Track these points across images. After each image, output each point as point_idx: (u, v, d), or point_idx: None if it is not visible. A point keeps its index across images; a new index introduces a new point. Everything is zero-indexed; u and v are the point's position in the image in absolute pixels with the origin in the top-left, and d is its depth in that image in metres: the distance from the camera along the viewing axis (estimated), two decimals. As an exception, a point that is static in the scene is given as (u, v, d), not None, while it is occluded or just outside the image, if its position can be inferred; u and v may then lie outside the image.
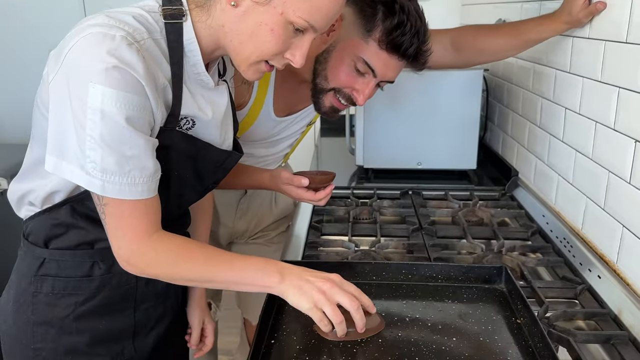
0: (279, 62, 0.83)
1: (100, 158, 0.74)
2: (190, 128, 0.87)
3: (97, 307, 0.91)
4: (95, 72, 0.71)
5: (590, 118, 1.12)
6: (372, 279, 1.05)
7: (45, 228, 0.89)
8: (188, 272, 0.84)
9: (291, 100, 1.23)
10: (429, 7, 2.35)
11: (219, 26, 0.80)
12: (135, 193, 0.77)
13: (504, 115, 1.72)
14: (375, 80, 1.08)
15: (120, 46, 0.72)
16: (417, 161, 1.71)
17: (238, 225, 1.46)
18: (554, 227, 1.27)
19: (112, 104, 0.72)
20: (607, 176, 1.05)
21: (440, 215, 1.45)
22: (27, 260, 0.91)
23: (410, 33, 1.01)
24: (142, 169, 0.77)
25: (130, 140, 0.74)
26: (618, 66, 1.01)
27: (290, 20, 0.76)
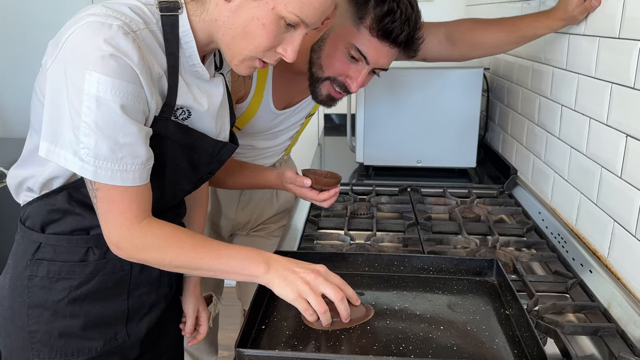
0: (271, 58, 0.84)
1: (94, 144, 0.76)
2: (186, 118, 0.89)
3: (91, 292, 0.93)
4: (91, 60, 0.73)
5: (585, 114, 1.13)
6: (364, 270, 1.07)
7: (42, 213, 0.91)
8: (176, 258, 0.85)
9: (289, 93, 1.25)
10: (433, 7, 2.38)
11: (213, 20, 0.82)
12: (127, 180, 0.79)
13: (505, 114, 1.73)
14: (368, 67, 1.10)
15: (117, 35, 0.74)
16: (416, 159, 1.73)
17: (240, 217, 1.48)
18: (549, 224, 1.28)
19: (108, 91, 0.74)
20: (600, 171, 1.06)
21: (437, 211, 1.46)
22: (24, 245, 0.93)
23: (400, 20, 1.03)
24: (135, 157, 0.79)
25: (124, 128, 0.76)
26: (611, 62, 1.02)
27: (281, 15, 0.78)
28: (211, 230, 1.48)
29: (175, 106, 0.85)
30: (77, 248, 0.91)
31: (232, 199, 1.45)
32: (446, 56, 1.35)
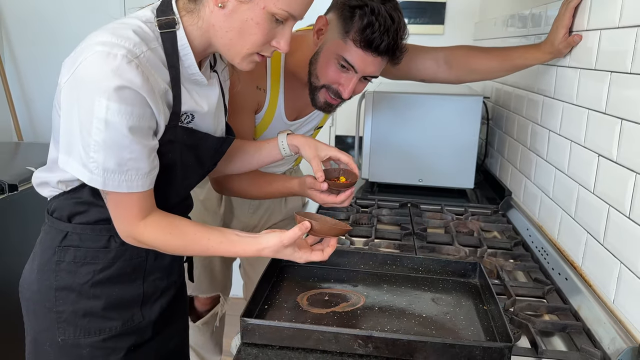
0: (267, 51, 0.96)
1: (102, 159, 0.86)
2: (191, 121, 1.00)
3: (112, 276, 1.03)
4: (100, 89, 0.83)
5: (567, 137, 1.24)
6: (359, 267, 1.18)
7: (69, 206, 1.01)
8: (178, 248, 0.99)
9: (299, 105, 1.38)
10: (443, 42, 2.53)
11: (210, 26, 0.92)
12: (132, 187, 0.90)
13: (502, 140, 1.84)
14: (357, 75, 1.22)
15: (122, 65, 0.83)
16: (418, 178, 1.84)
17: (250, 220, 1.60)
18: (535, 239, 1.38)
19: (115, 115, 0.84)
20: (577, 189, 1.17)
21: (434, 224, 1.57)
22: (52, 234, 1.03)
23: (379, 31, 1.15)
24: (138, 169, 0.90)
25: (130, 146, 0.87)
26: (589, 90, 1.14)
27: (272, 12, 0.89)
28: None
29: (180, 112, 0.97)
30: (100, 236, 1.02)
31: (244, 203, 1.57)
32: (443, 78, 1.48)
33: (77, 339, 1.03)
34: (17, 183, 1.90)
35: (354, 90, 1.25)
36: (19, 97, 2.89)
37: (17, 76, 2.89)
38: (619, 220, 0.98)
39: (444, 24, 2.51)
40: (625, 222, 0.95)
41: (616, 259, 0.98)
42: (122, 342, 1.06)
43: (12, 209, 1.92)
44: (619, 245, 0.98)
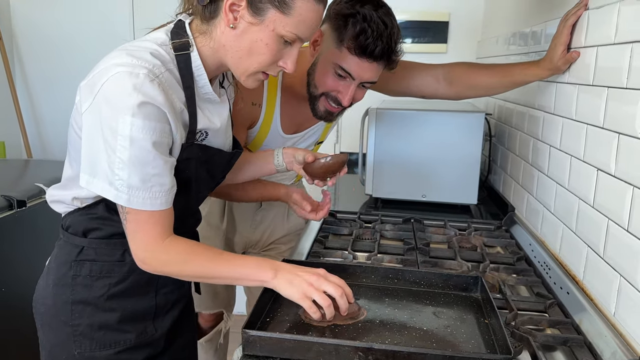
0: (274, 70, 0.99)
1: (127, 176, 0.89)
2: (205, 139, 1.03)
3: (126, 289, 1.05)
4: (125, 107, 0.86)
5: (567, 152, 1.26)
6: (362, 281, 1.19)
7: (84, 222, 1.04)
8: (195, 270, 1.00)
9: (297, 119, 1.41)
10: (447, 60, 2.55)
11: (221, 46, 0.96)
12: (155, 205, 0.93)
13: (505, 156, 1.86)
14: (355, 82, 1.25)
15: (145, 83, 0.87)
16: (421, 193, 1.86)
17: (252, 235, 1.62)
18: (537, 254, 1.39)
19: (140, 131, 0.87)
20: (578, 203, 1.18)
21: (437, 240, 1.58)
22: (67, 249, 1.05)
23: (372, 37, 1.18)
24: (162, 185, 0.92)
25: (154, 161, 0.90)
26: (587, 106, 1.15)
27: (280, 34, 0.93)
28: (226, 245, 1.62)
29: (196, 131, 1.00)
30: (115, 250, 1.04)
31: (247, 218, 1.59)
32: (443, 94, 1.50)
33: (92, 352, 1.04)
34: (25, 199, 1.93)
35: (353, 97, 1.28)
36: (29, 116, 2.95)
37: (27, 95, 2.94)
38: (618, 233, 0.98)
39: (447, 42, 2.54)
40: (624, 235, 0.96)
41: (616, 272, 0.98)
42: (136, 355, 1.08)
43: (21, 225, 1.94)
44: (618, 258, 0.98)
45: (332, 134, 2.71)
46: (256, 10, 0.91)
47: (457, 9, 2.51)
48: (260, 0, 0.91)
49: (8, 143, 2.86)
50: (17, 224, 1.93)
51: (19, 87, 2.91)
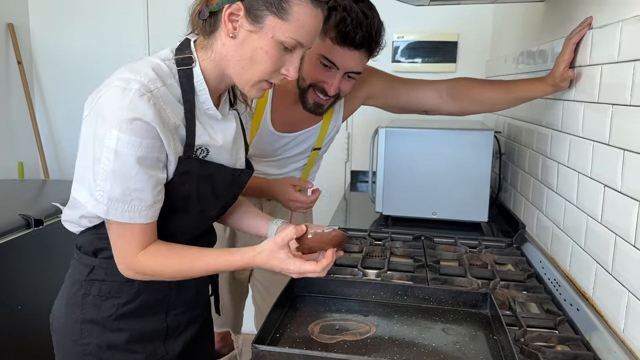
0: (276, 78, 1.00)
1: (109, 188, 0.91)
2: (206, 155, 1.03)
3: (135, 309, 1.06)
4: (114, 121, 0.88)
5: (574, 169, 1.26)
6: (371, 298, 1.20)
7: (93, 241, 1.05)
8: (174, 274, 1.01)
9: (289, 117, 1.44)
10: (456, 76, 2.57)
11: (222, 57, 0.97)
12: (134, 218, 0.94)
13: (515, 174, 1.86)
14: (339, 72, 1.31)
15: (134, 98, 0.88)
16: (432, 211, 1.87)
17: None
18: (548, 271, 1.38)
19: (125, 146, 0.88)
20: (586, 220, 1.18)
21: (447, 257, 1.58)
22: (79, 268, 1.07)
23: (352, 24, 1.25)
24: (142, 200, 0.93)
25: (136, 176, 0.91)
26: (593, 122, 1.16)
27: (280, 40, 0.93)
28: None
29: (195, 146, 1.00)
30: None
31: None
32: (446, 110, 1.53)
33: None
34: (42, 218, 1.97)
35: (338, 87, 1.33)
36: (47, 137, 3.02)
37: (45, 117, 3.02)
38: (625, 249, 0.99)
39: (456, 62, 2.57)
40: (631, 251, 0.96)
41: (624, 288, 0.98)
42: None
43: (38, 243, 1.98)
44: (626, 274, 0.98)
45: (342, 152, 2.73)
46: (254, 17, 0.92)
47: (465, 29, 2.55)
48: (258, 8, 0.92)
49: (26, 164, 2.93)
50: (34, 243, 1.97)
51: (38, 110, 3.00)
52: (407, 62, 2.61)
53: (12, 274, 1.88)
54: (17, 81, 2.88)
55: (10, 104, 2.87)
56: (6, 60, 2.84)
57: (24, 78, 2.88)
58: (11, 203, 2.14)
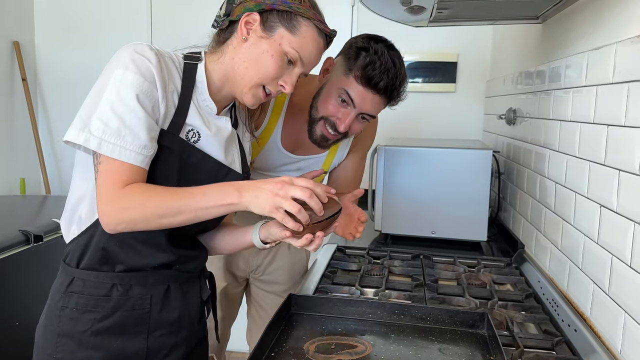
0: (273, 87, 1.05)
1: (106, 121, 0.92)
2: (197, 141, 1.05)
3: (113, 326, 1.02)
4: (121, 61, 0.95)
5: (571, 189, 1.27)
6: (368, 317, 1.19)
7: (79, 248, 1.03)
8: (157, 207, 0.93)
9: (298, 138, 1.44)
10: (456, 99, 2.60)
11: (230, 59, 1.05)
12: (124, 155, 0.92)
13: (514, 193, 1.87)
14: (355, 111, 1.31)
15: (144, 47, 0.98)
16: (431, 230, 1.87)
17: (254, 259, 1.64)
18: (546, 291, 1.38)
19: (128, 82, 0.93)
20: (583, 240, 1.18)
21: (445, 276, 1.58)
22: (61, 279, 1.05)
23: (379, 69, 1.26)
24: (135, 138, 0.93)
25: (133, 112, 0.93)
26: (589, 143, 1.17)
27: (285, 50, 1.02)
28: (226, 268, 1.63)
29: (184, 125, 1.02)
30: (103, 284, 1.02)
31: None
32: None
33: None
34: (42, 234, 1.98)
35: (350, 126, 1.33)
36: (49, 153, 3.04)
37: (48, 134, 3.05)
38: (621, 269, 0.99)
39: (456, 82, 2.59)
40: (627, 272, 0.96)
41: (621, 308, 0.98)
42: None
43: (37, 259, 1.99)
44: (622, 295, 0.98)
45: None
46: (268, 27, 1.03)
47: (465, 50, 2.57)
48: (273, 20, 1.03)
49: (28, 180, 2.94)
50: (33, 259, 1.97)
51: (41, 126, 3.02)
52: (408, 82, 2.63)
53: (11, 290, 1.87)
54: (21, 98, 2.91)
55: (14, 121, 2.90)
56: (11, 77, 2.87)
57: (27, 95, 2.91)
58: (11, 219, 2.14)
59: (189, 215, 0.95)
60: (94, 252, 1.03)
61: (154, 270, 1.07)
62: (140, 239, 1.02)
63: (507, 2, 1.42)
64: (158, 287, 1.07)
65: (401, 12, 1.43)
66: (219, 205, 0.94)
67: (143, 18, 2.86)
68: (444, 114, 2.62)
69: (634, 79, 0.96)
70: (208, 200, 0.94)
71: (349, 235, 1.42)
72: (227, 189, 0.95)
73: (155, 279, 1.07)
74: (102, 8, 2.90)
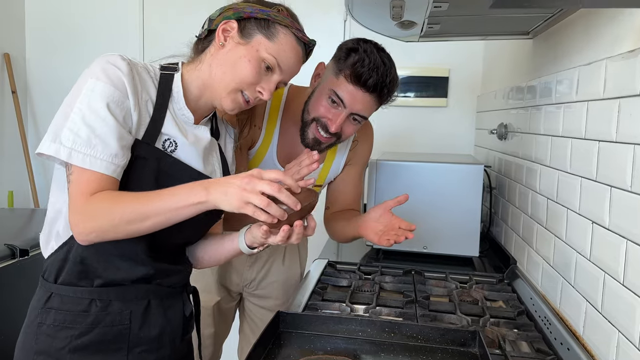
0: (252, 94, 1.05)
1: (76, 131, 0.91)
2: (174, 150, 1.03)
3: (91, 343, 1.00)
4: (93, 71, 0.95)
5: (563, 205, 1.26)
6: (357, 335, 1.17)
7: (56, 263, 1.01)
8: (123, 212, 0.91)
9: (294, 152, 1.42)
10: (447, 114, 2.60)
11: (207, 66, 1.06)
12: (95, 165, 0.91)
13: (506, 208, 1.86)
14: (346, 111, 1.30)
15: (115, 57, 0.97)
16: (423, 245, 1.85)
17: (248, 273, 1.62)
18: (538, 308, 1.36)
19: (99, 91, 0.93)
20: (575, 256, 1.17)
21: (437, 292, 1.56)
22: (39, 295, 1.03)
23: (368, 66, 1.25)
24: (106, 146, 0.92)
25: (104, 121, 0.92)
26: (580, 159, 1.16)
27: (262, 56, 1.03)
28: (219, 283, 1.60)
29: (160, 134, 1.01)
30: (81, 299, 1.00)
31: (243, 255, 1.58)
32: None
33: None
34: (28, 248, 1.95)
35: (341, 126, 1.32)
36: (38, 166, 3.00)
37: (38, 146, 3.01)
38: (614, 287, 0.97)
39: (447, 97, 2.59)
40: (620, 289, 0.95)
41: (614, 327, 0.96)
42: None
43: (23, 274, 1.95)
44: (615, 313, 0.97)
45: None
46: (245, 34, 1.04)
47: (456, 65, 2.58)
48: (250, 27, 1.04)
49: (16, 192, 2.91)
50: (19, 273, 1.93)
51: (30, 139, 2.99)
52: (400, 97, 2.63)
53: (-6, 306, 1.84)
54: (10, 110, 2.89)
55: (3, 133, 2.87)
56: (0, 90, 2.85)
57: (17, 107, 2.88)
58: (-3, 232, 2.11)
59: (158, 218, 0.92)
60: (72, 266, 1.01)
61: (133, 284, 1.04)
62: (118, 251, 1.00)
63: (498, 18, 1.42)
64: (138, 303, 1.05)
65: (392, 27, 1.43)
66: (187, 205, 0.91)
67: (135, 32, 2.86)
68: (436, 129, 2.63)
69: (625, 94, 0.96)
70: (177, 200, 0.91)
71: (385, 241, 1.39)
72: (195, 187, 0.92)
73: (135, 294, 1.04)
74: (94, 21, 2.90)
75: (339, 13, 2.64)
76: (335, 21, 2.65)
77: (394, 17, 1.31)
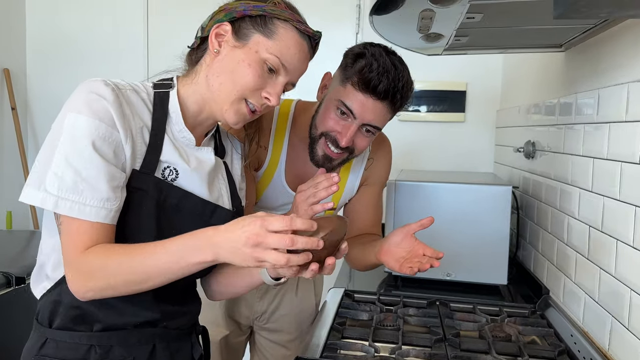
0: (257, 101, 0.93)
1: (61, 174, 0.81)
2: (175, 179, 0.92)
3: None
4: (74, 104, 0.83)
5: (611, 235, 1.13)
6: (386, 383, 1.04)
7: (49, 305, 0.92)
8: (122, 272, 0.82)
9: (303, 173, 1.30)
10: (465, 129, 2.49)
11: (204, 78, 0.94)
12: (84, 213, 0.81)
13: (535, 232, 1.73)
14: (356, 122, 1.17)
15: (98, 84, 0.85)
16: (446, 272, 1.72)
17: (258, 305, 1.50)
18: (582, 348, 1.23)
19: (82, 127, 0.82)
20: (630, 294, 1.05)
21: (467, 328, 1.43)
22: (33, 340, 0.94)
23: (377, 71, 1.12)
24: (94, 191, 0.81)
25: (89, 162, 0.81)
26: (633, 187, 1.04)
27: (263, 57, 0.91)
28: (227, 315, 1.49)
29: (159, 162, 0.90)
30: (79, 345, 0.91)
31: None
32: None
33: None
34: (24, 276, 1.83)
35: (353, 140, 1.19)
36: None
37: (38, 164, 2.91)
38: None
39: (465, 112, 2.48)
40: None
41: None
42: None
43: (19, 302, 1.84)
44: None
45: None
46: (241, 35, 0.93)
47: (474, 79, 2.47)
48: (246, 27, 0.93)
49: (15, 213, 2.80)
50: (15, 302, 1.82)
51: (30, 157, 2.89)
52: (411, 112, 2.52)
53: (-12, 339, 1.72)
54: (10, 127, 2.79)
55: (2, 151, 2.77)
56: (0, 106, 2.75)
57: (17, 124, 2.78)
58: (-7, 258, 1.99)
59: (160, 279, 0.83)
60: (67, 310, 0.91)
61: (136, 328, 0.94)
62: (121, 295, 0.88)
63: (531, 30, 1.31)
64: (142, 348, 0.95)
65: (417, 39, 1.32)
66: (193, 264, 0.81)
67: (139, 48, 2.76)
68: (453, 145, 2.51)
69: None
70: (180, 258, 0.80)
71: (407, 269, 1.23)
72: (202, 245, 0.80)
73: (138, 338, 0.94)
74: (95, 37, 2.80)
75: (351, 26, 2.54)
76: (347, 33, 2.55)
77: (420, 29, 1.20)
